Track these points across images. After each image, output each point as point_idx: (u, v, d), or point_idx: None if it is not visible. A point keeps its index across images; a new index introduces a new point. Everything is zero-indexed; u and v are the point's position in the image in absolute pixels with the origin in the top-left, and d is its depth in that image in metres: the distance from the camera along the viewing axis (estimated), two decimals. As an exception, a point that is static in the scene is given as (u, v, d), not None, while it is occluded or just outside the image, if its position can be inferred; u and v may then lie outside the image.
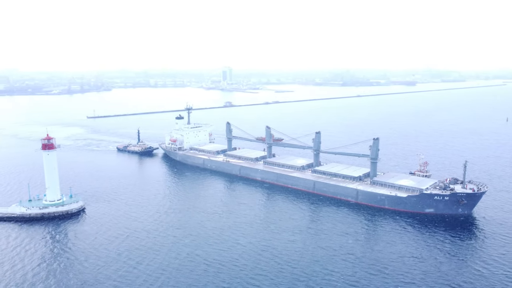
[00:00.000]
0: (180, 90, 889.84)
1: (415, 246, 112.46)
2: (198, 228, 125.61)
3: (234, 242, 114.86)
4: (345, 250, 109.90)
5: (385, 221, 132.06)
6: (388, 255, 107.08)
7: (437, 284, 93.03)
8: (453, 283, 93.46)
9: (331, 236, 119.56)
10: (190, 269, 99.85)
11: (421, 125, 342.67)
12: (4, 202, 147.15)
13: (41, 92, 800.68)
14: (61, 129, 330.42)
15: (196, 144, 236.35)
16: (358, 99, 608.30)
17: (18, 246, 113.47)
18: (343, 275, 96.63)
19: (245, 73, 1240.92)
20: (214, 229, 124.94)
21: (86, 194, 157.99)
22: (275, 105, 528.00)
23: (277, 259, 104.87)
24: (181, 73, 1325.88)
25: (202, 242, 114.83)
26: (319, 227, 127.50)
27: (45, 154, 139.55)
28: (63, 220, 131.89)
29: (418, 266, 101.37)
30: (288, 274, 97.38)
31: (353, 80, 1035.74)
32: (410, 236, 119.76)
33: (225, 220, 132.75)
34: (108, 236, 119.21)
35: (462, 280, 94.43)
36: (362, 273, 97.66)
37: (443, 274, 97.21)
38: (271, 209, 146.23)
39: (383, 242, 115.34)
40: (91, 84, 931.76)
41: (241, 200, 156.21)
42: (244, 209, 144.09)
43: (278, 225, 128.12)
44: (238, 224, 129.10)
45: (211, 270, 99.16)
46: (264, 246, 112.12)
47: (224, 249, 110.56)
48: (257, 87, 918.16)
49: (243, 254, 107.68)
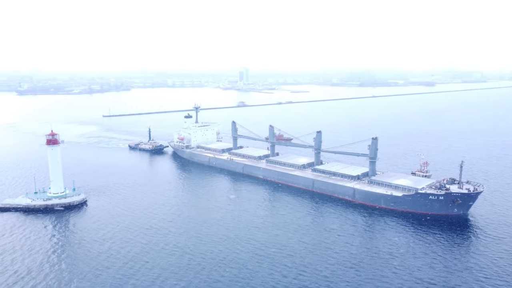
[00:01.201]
0: (197, 90, 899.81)
1: (401, 244, 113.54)
2: (191, 222, 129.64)
3: (221, 237, 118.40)
4: (323, 246, 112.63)
5: (376, 220, 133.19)
6: (364, 251, 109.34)
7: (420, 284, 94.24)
8: (436, 282, 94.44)
9: (312, 232, 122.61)
10: (186, 261, 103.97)
11: (429, 126, 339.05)
12: (12, 193, 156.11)
13: (63, 91, 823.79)
14: (77, 127, 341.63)
15: (204, 142, 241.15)
16: (372, 99, 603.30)
17: (22, 234, 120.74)
18: (317, 270, 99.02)
19: (262, 74, 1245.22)
20: (205, 223, 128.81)
21: (90, 188, 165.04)
22: (288, 105, 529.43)
23: (258, 251, 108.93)
24: (199, 74, 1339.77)
25: (194, 236, 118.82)
26: (304, 222, 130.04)
27: (49, 149, 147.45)
28: (65, 211, 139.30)
29: (401, 264, 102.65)
30: (261, 265, 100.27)
31: (370, 80, 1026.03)
32: (401, 235, 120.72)
33: (216, 215, 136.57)
34: (106, 227, 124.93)
35: (446, 279, 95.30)
36: (337, 268, 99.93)
37: (428, 274, 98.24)
38: (266, 206, 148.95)
39: (367, 239, 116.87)
40: (111, 84, 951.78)
41: (240, 196, 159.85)
42: (239, 205, 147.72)
43: (266, 220, 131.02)
44: (226, 220, 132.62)
45: (205, 262, 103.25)
46: (247, 239, 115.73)
47: (210, 242, 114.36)
48: (273, 87, 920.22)
49: (224, 248, 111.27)
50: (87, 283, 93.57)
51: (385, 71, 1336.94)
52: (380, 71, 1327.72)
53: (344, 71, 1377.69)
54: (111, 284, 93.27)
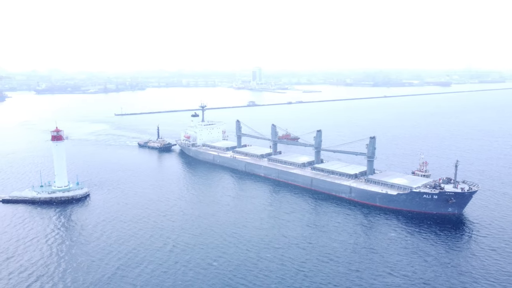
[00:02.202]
0: (210, 90, 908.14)
1: (388, 241, 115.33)
2: (189, 217, 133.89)
3: (207, 232, 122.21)
4: (302, 239, 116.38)
5: (369, 217, 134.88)
6: (346, 246, 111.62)
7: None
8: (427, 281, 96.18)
9: (292, 227, 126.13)
10: (183, 252, 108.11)
11: (436, 126, 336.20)
12: (20, 186, 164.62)
13: (79, 91, 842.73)
14: (89, 125, 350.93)
15: (209, 140, 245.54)
16: (384, 99, 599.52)
17: (26, 224, 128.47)
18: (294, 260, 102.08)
19: (276, 74, 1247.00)
20: (202, 219, 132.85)
21: (94, 182, 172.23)
22: (298, 105, 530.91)
23: (240, 244, 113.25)
24: (213, 74, 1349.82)
25: (187, 228, 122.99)
26: (293, 218, 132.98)
27: (54, 145, 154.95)
28: (69, 204, 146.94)
29: (387, 262, 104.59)
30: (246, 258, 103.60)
31: (385, 80, 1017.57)
32: (392, 233, 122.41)
33: (212, 211, 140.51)
34: (106, 219, 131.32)
35: (434, 277, 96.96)
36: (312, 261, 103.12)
37: (412, 273, 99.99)
38: (264, 203, 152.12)
39: (353, 235, 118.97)
40: (126, 83, 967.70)
41: (239, 193, 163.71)
42: (235, 201, 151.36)
43: (251, 216, 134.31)
44: (220, 216, 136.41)
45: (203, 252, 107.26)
46: (232, 233, 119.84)
47: (208, 238, 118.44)
48: (286, 87, 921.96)
49: (211, 243, 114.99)
50: (83, 271, 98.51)
51: (400, 71, 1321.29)
52: (395, 71, 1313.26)
53: (358, 71, 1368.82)
54: (107, 274, 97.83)
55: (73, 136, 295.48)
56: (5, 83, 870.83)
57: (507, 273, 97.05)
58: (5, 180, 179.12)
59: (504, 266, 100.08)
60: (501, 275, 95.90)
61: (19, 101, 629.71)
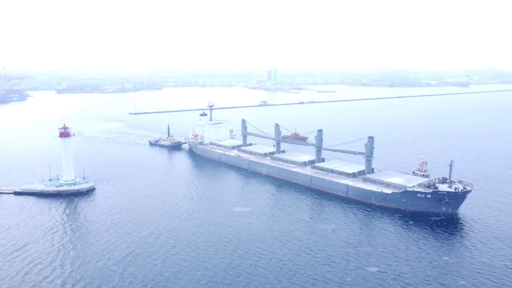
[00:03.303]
0: (226, 90, 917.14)
1: (379, 239, 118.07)
2: (187, 210, 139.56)
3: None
4: (289, 234, 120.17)
5: (363, 215, 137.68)
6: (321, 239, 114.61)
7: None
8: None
9: (283, 222, 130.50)
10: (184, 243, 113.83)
11: (441, 127, 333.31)
12: (30, 180, 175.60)
13: (98, 90, 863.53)
14: (103, 123, 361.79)
15: (217, 139, 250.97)
16: (397, 100, 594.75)
17: (34, 214, 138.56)
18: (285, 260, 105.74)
19: (291, 73, 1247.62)
20: (194, 211, 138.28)
21: (101, 177, 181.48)
22: (310, 105, 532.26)
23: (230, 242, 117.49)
24: (229, 74, 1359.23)
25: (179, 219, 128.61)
26: (283, 213, 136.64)
27: (62, 141, 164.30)
28: (75, 197, 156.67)
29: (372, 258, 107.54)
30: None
31: (402, 80, 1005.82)
32: (385, 230, 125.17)
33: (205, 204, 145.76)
34: (109, 211, 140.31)
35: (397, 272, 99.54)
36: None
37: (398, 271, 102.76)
38: (263, 198, 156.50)
39: (346, 232, 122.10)
40: (144, 83, 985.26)
41: (240, 189, 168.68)
42: (235, 199, 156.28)
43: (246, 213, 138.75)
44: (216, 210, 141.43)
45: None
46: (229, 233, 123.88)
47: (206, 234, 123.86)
48: (300, 87, 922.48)
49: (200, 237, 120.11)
50: (84, 258, 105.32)
51: (418, 71, 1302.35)
52: (413, 71, 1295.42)
53: (376, 71, 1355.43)
54: (109, 261, 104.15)
55: (86, 133, 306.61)
56: (27, 82, 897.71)
57: (497, 269, 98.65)
58: (18, 174, 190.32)
59: (495, 263, 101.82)
60: (490, 272, 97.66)
61: (40, 100, 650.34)
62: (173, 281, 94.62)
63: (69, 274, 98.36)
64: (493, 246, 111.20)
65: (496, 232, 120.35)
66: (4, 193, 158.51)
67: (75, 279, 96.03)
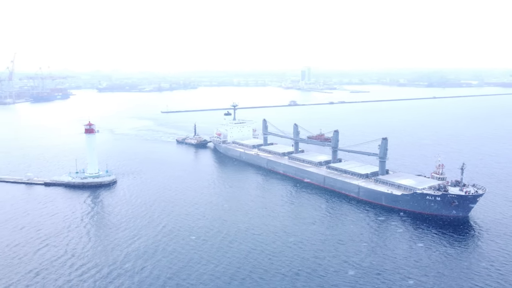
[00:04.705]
0: (259, 89, 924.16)
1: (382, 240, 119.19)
2: (200, 205, 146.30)
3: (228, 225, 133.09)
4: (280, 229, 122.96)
5: (372, 215, 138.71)
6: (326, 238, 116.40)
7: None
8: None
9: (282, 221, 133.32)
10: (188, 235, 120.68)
11: (467, 129, 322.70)
12: (59, 172, 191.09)
13: (136, 89, 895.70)
14: (135, 121, 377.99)
15: (239, 138, 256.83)
16: (432, 101, 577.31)
17: (60, 203, 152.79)
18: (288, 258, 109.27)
19: (326, 73, 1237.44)
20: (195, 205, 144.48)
21: (123, 171, 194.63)
22: (340, 105, 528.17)
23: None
24: (264, 73, 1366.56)
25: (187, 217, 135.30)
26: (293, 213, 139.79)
27: (87, 137, 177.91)
28: (97, 188, 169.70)
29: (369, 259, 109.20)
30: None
31: (441, 81, 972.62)
32: (385, 231, 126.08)
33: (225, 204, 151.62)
34: (127, 203, 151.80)
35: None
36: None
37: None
38: (270, 195, 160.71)
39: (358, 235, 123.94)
40: (180, 82, 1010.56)
41: (257, 188, 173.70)
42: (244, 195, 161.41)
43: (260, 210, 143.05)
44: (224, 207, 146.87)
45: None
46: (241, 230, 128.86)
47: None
48: (334, 87, 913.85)
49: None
50: (104, 244, 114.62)
51: (459, 71, 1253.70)
52: (454, 70, 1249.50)
53: (414, 70, 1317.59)
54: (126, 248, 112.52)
55: (117, 130, 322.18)
56: (71, 81, 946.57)
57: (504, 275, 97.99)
58: (50, 166, 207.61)
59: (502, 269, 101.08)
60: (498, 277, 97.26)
61: (81, 98, 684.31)
62: (186, 273, 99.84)
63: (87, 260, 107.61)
64: (504, 253, 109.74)
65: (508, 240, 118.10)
66: (36, 184, 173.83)
67: (94, 263, 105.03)
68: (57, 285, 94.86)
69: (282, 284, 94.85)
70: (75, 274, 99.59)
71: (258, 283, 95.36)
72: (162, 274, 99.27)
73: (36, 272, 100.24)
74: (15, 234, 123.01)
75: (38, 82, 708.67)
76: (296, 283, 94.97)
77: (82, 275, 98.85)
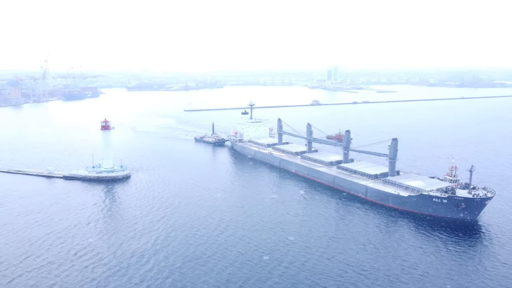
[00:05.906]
0: (285, 88, 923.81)
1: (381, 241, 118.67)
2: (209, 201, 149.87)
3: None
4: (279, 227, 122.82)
5: (377, 216, 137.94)
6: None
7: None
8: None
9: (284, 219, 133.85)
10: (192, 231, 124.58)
11: (488, 131, 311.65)
12: (77, 166, 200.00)
13: (164, 88, 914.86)
14: (158, 118, 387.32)
15: (255, 137, 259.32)
16: (460, 101, 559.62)
17: (77, 195, 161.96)
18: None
19: (354, 72, 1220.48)
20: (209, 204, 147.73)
21: (137, 167, 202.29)
22: (363, 105, 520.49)
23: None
24: (290, 73, 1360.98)
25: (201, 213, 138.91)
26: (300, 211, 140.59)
27: (103, 133, 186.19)
28: (112, 182, 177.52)
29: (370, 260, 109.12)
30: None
31: (473, 81, 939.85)
32: (391, 232, 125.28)
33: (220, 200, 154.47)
34: (140, 196, 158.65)
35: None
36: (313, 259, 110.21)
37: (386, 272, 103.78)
38: (276, 193, 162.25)
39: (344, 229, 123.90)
40: (206, 82, 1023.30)
41: (261, 185, 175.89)
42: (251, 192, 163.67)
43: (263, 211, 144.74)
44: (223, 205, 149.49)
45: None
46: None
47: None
48: (361, 86, 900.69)
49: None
50: (117, 233, 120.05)
51: (493, 70, 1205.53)
52: (487, 70, 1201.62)
53: (444, 69, 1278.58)
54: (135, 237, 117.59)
55: (139, 128, 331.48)
56: (102, 80, 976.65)
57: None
58: (70, 160, 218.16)
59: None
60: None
61: (111, 97, 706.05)
62: (197, 268, 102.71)
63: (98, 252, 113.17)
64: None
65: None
66: (56, 177, 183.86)
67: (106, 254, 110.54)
68: (73, 275, 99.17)
69: (278, 279, 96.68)
70: (87, 264, 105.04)
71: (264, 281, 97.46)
72: (175, 267, 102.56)
73: (50, 261, 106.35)
74: (30, 227, 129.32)
75: (70, 81, 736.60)
76: (298, 285, 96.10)
77: (94, 268, 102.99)
